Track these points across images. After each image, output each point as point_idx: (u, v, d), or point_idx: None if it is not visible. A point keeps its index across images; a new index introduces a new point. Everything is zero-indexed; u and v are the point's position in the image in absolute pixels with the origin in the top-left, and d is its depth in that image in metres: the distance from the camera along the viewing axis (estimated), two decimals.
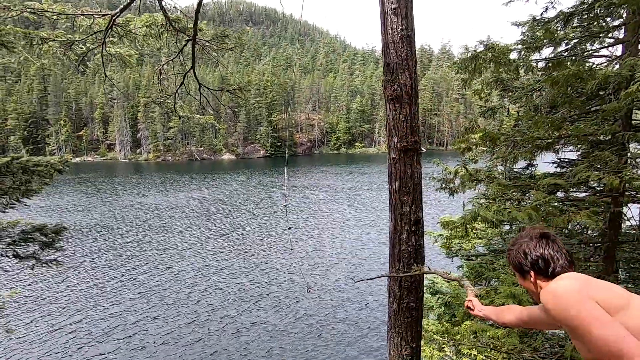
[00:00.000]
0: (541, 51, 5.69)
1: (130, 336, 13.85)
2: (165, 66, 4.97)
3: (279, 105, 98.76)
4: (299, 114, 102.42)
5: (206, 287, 18.18)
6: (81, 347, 13.07)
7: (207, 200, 39.58)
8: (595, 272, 3.73)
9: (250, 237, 26.42)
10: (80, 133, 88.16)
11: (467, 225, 4.29)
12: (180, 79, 4.51)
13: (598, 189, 4.95)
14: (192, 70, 4.32)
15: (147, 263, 21.41)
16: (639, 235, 4.62)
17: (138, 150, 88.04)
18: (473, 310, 2.09)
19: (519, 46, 5.95)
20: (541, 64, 6.96)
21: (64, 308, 15.94)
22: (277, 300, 16.65)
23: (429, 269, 3.05)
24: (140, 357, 12.48)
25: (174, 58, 4.32)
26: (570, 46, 5.55)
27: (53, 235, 4.99)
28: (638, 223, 4.75)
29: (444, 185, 4.61)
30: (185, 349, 12.90)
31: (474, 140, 4.40)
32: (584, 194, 5.48)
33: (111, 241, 25.77)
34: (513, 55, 6.40)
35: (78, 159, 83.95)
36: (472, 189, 4.90)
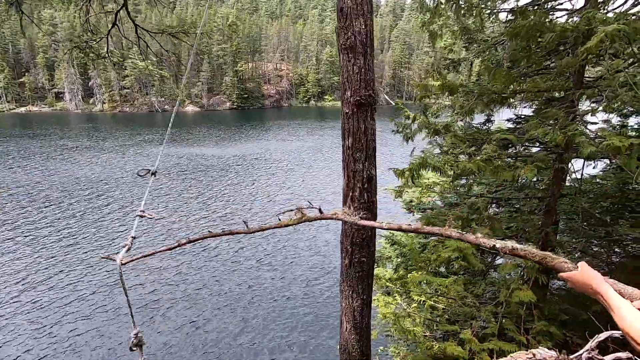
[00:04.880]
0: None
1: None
2: (94, 4, 4.34)
3: (245, 54, 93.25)
4: (266, 64, 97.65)
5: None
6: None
7: (176, 157, 38.06)
8: (537, 224, 3.93)
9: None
10: (22, 80, 79.50)
11: (414, 173, 4.30)
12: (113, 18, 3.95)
13: (546, 142, 5.11)
14: (124, 8, 3.78)
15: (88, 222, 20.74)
16: (578, 189, 4.87)
17: (91, 100, 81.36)
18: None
19: None
20: (506, 17, 6.77)
21: None
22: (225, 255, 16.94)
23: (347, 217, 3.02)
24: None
25: None
26: None
27: None
28: (579, 177, 5.01)
29: (400, 129, 4.55)
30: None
31: (433, 90, 4.29)
32: (536, 150, 5.68)
33: (56, 203, 24.52)
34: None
35: (23, 108, 76.68)
36: (429, 139, 4.88)
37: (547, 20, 4.05)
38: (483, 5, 5.90)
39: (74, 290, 13.92)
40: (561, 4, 5.64)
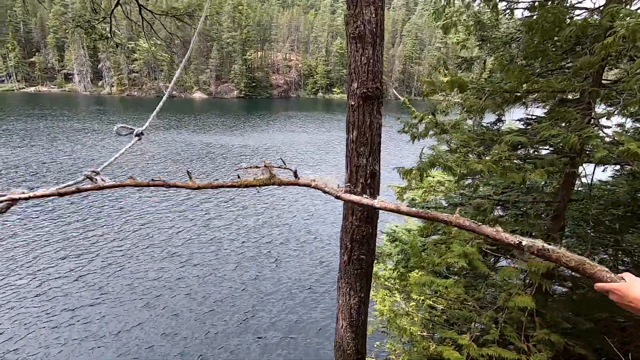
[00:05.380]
0: None
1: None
2: None
3: (255, 43, 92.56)
4: (275, 54, 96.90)
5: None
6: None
7: (181, 144, 38.11)
8: (543, 229, 3.81)
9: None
10: (32, 59, 79.69)
11: (424, 172, 4.18)
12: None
13: (558, 145, 4.95)
14: None
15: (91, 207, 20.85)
16: (588, 194, 4.72)
17: (100, 82, 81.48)
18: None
19: None
20: (524, 14, 6.55)
21: None
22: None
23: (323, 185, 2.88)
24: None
25: None
26: None
27: None
28: (589, 182, 4.85)
29: (407, 128, 4.42)
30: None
31: (442, 87, 4.14)
32: (546, 152, 5.51)
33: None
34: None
35: (32, 88, 77.02)
36: (436, 138, 4.75)
37: (567, 16, 3.88)
38: (502, 2, 5.71)
39: (74, 270, 14.05)
40: (581, 2, 5.43)
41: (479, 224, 1.41)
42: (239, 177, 1.84)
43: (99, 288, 13.09)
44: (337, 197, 1.73)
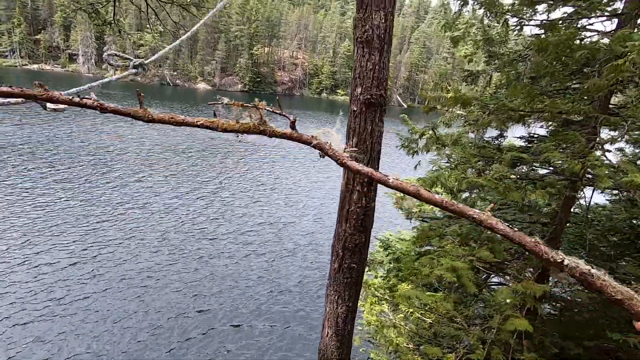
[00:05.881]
0: (537, 7, 5.23)
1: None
2: None
3: (263, 38, 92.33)
4: (282, 51, 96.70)
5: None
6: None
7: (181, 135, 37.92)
8: None
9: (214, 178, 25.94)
10: (37, 37, 79.01)
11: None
12: None
13: (560, 168, 4.90)
14: None
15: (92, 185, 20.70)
16: (585, 218, 4.67)
17: (104, 65, 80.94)
18: None
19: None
20: (533, 31, 6.50)
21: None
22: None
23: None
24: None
25: None
26: (565, 15, 5.15)
27: None
28: (586, 204, 4.80)
29: (406, 144, 4.36)
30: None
31: (445, 102, 4.08)
32: (546, 171, 5.46)
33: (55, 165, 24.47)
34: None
35: (35, 65, 76.37)
36: (435, 153, 4.69)
37: (577, 38, 3.83)
38: (511, 16, 5.66)
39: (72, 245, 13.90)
40: (592, 24, 5.39)
41: (515, 229, 1.17)
42: (215, 115, 1.37)
43: (94, 277, 12.96)
44: (342, 165, 1.32)
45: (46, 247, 14.03)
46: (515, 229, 1.19)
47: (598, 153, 3.51)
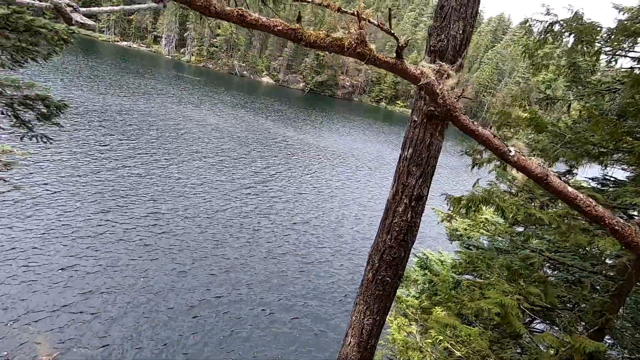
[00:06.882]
0: (636, 44, 4.74)
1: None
2: None
3: None
4: None
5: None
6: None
7: (245, 123, 39.64)
8: (597, 307, 3.35)
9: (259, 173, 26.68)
10: (130, 17, 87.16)
11: (474, 205, 3.86)
12: None
13: (636, 217, 4.35)
14: None
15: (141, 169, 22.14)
16: None
17: (182, 50, 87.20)
18: None
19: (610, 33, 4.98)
20: (626, 64, 5.89)
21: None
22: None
23: None
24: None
25: None
26: None
27: (54, 109, 4.88)
28: None
29: (470, 152, 4.12)
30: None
31: (517, 121, 3.79)
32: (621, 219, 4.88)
33: (118, 133, 26.52)
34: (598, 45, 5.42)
35: (124, 43, 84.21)
36: (496, 175, 4.38)
37: None
38: (606, 47, 5.15)
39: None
40: None
41: None
42: (300, 18, 0.89)
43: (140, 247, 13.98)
44: (452, 119, 0.80)
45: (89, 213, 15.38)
46: None
47: None
